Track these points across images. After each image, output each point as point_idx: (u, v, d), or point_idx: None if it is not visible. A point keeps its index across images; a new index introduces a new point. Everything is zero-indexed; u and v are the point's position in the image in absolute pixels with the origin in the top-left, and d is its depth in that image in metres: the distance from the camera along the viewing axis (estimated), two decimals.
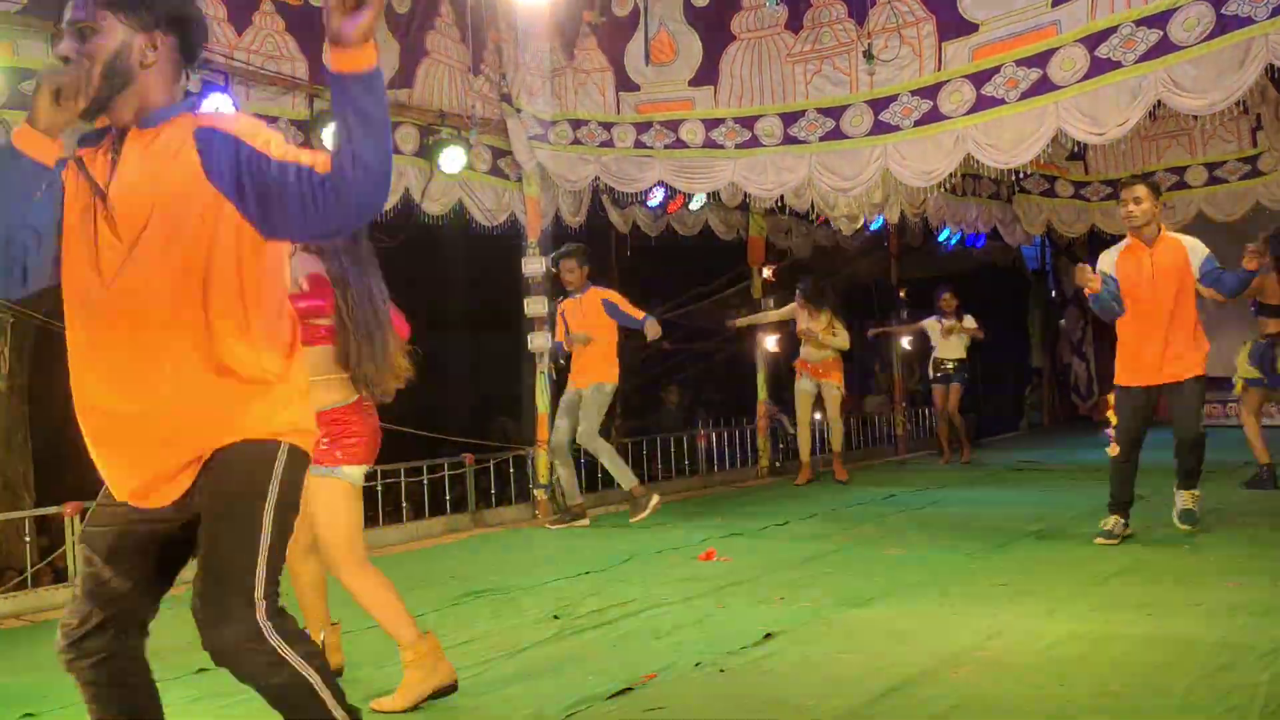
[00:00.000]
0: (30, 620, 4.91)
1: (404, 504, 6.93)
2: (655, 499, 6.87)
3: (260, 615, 2.01)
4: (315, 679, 2.05)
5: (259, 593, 2.02)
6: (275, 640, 2.01)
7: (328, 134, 6.62)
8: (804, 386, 8.79)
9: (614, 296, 7.06)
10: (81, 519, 5.08)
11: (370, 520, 6.94)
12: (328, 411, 3.22)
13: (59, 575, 5.69)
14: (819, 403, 8.89)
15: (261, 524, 2.05)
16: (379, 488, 6.75)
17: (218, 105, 5.56)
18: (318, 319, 3.26)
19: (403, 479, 6.98)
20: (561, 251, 7.13)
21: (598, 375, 6.96)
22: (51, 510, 5.34)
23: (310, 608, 3.59)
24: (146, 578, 2.15)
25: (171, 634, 2.51)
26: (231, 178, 2.00)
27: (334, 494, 3.28)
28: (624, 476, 6.96)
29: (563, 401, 7.11)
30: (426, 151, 6.95)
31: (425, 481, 7.22)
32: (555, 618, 4.37)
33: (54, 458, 7.26)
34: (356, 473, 3.34)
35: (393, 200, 6.56)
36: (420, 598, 4.78)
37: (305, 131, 6.23)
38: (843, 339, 8.71)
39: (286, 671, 2.02)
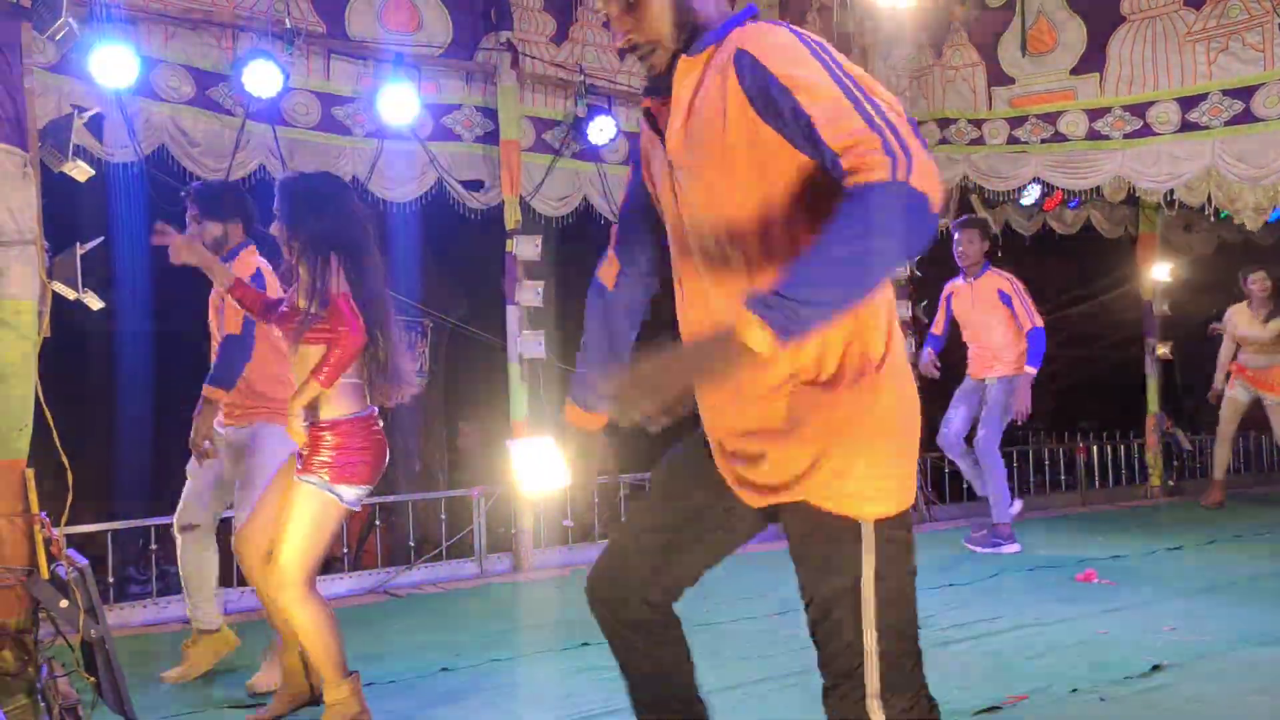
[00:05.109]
0: (442, 588, 5.56)
1: None
2: (1016, 547, 6.02)
3: None
4: None
5: None
6: None
7: None
8: (1236, 395, 7.71)
9: (1010, 286, 6.03)
10: (487, 501, 5.73)
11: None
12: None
13: (464, 550, 6.41)
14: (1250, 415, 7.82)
15: None
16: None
17: (601, 127, 6.05)
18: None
19: None
20: (962, 220, 6.28)
21: (1006, 366, 6.05)
22: (461, 493, 6.02)
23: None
24: None
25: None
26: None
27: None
28: (1000, 507, 6.09)
29: (960, 391, 6.29)
30: None
31: None
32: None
33: (461, 446, 8.19)
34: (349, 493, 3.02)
35: None
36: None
37: None
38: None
39: None
